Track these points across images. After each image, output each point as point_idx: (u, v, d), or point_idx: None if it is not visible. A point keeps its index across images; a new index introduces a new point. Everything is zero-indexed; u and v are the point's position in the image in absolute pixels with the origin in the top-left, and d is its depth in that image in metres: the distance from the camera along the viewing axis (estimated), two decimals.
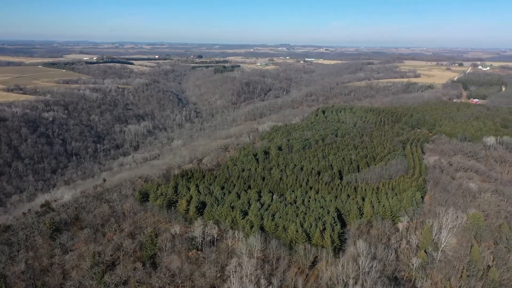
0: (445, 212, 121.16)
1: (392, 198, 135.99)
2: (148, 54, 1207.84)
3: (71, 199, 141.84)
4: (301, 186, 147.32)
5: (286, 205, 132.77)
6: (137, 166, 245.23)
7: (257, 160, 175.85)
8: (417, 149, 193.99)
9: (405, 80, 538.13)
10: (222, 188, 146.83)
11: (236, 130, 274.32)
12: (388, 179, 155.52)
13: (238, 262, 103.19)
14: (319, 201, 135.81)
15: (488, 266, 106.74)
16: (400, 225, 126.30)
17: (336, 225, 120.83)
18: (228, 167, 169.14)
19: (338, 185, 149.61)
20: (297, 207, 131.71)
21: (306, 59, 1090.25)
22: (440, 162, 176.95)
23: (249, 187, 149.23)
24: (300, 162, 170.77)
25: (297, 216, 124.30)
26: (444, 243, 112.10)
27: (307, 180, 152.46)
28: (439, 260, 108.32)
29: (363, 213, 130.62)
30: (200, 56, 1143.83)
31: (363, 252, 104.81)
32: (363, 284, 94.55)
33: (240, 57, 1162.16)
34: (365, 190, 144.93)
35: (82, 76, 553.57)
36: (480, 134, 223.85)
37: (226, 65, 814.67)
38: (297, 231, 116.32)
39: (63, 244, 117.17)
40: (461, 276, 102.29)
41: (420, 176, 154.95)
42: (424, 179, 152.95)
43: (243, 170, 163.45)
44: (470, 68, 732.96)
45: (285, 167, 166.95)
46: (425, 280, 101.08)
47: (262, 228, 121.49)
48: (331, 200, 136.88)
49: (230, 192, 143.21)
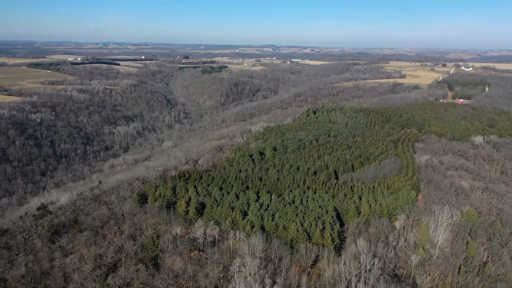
0: (441, 210, 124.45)
1: (388, 197, 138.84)
2: (133, 55, 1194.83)
3: (68, 202, 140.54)
4: (299, 186, 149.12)
5: (285, 205, 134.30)
6: (129, 168, 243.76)
7: (253, 161, 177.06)
8: (409, 149, 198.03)
9: (392, 81, 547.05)
10: (221, 189, 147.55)
11: (229, 131, 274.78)
12: (383, 179, 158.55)
13: (242, 262, 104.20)
14: (317, 201, 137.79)
15: (484, 262, 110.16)
16: (397, 223, 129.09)
17: (336, 224, 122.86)
18: (225, 168, 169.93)
19: (335, 185, 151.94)
20: (296, 207, 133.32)
21: (293, 60, 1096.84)
22: (432, 161, 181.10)
23: (247, 188, 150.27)
24: (296, 163, 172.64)
25: (297, 216, 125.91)
26: (441, 241, 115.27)
27: (304, 180, 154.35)
28: (437, 257, 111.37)
29: (361, 212, 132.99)
30: (187, 57, 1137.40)
31: (364, 250, 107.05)
32: (366, 282, 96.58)
33: (227, 58, 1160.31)
34: (362, 190, 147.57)
35: (68, 77, 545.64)
36: (468, 134, 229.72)
37: (214, 66, 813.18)
38: (298, 231, 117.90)
39: (63, 247, 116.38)
40: (459, 272, 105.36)
41: (414, 175, 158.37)
42: (418, 178, 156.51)
43: (240, 171, 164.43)
44: (454, 69, 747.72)
45: (282, 168, 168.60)
46: (425, 277, 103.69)
47: (263, 228, 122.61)
48: (329, 200, 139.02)
49: (229, 193, 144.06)
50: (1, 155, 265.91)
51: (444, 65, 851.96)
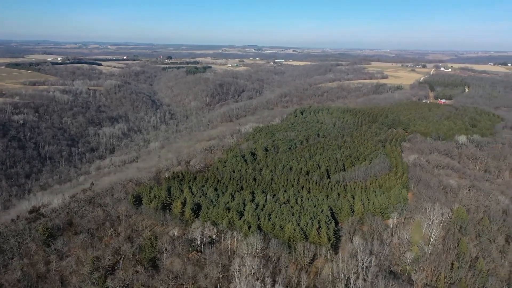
0: (432, 208, 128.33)
1: (381, 196, 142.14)
2: (115, 55, 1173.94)
3: (62, 204, 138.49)
4: (293, 186, 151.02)
5: (281, 205, 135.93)
6: (117, 169, 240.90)
7: (246, 161, 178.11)
8: (397, 148, 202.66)
9: (375, 81, 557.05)
10: (215, 190, 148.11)
11: (218, 132, 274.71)
12: (374, 178, 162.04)
13: (242, 262, 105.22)
14: (312, 200, 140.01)
15: (475, 258, 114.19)
16: (390, 221, 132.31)
17: (331, 223, 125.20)
18: (218, 169, 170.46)
19: (328, 184, 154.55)
20: (291, 207, 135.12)
21: (276, 60, 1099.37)
22: (420, 160, 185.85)
23: (242, 188, 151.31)
24: (289, 163, 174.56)
25: (293, 216, 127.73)
26: (434, 238, 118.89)
27: (298, 180, 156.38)
28: (430, 254, 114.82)
29: (354, 211, 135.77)
30: (170, 57, 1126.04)
31: (361, 248, 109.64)
32: (365, 279, 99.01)
33: (210, 58, 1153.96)
34: (354, 189, 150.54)
35: (50, 77, 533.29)
36: (452, 133, 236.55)
37: (198, 66, 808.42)
38: (295, 230, 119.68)
39: (59, 250, 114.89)
40: (452, 268, 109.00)
41: (403, 174, 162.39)
42: (407, 177, 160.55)
43: (234, 171, 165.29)
44: (433, 70, 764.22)
45: (275, 168, 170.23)
46: (420, 273, 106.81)
47: (259, 228, 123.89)
48: (323, 199, 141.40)
49: (224, 193, 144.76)
50: None
51: (424, 66, 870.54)
